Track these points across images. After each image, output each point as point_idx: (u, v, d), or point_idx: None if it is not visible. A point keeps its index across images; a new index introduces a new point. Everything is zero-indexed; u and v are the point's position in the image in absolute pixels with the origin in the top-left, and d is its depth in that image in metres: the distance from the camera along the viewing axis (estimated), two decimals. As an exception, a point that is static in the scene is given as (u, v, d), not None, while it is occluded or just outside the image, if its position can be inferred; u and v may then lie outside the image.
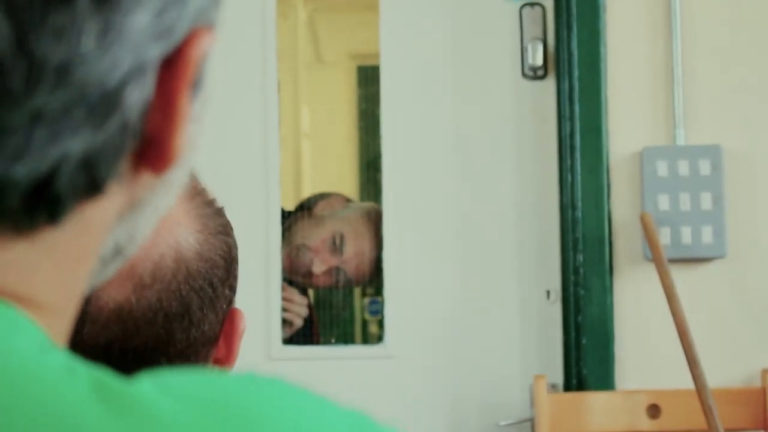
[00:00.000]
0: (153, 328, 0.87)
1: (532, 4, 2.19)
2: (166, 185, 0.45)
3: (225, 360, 0.92)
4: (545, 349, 2.20)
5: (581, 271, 2.12)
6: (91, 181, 0.41)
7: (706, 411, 1.89)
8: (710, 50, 2.15)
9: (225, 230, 0.93)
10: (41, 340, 0.40)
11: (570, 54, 2.12)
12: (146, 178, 0.43)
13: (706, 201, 2.12)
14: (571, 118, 2.11)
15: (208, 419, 0.37)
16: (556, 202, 2.18)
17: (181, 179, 0.46)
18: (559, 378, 2.16)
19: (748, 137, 2.15)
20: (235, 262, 0.92)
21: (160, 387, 0.38)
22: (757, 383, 2.10)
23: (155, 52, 0.41)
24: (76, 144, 0.40)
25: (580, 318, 2.12)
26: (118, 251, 0.46)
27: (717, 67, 2.14)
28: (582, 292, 2.11)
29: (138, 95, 0.41)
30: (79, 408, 0.37)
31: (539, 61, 2.16)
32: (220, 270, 0.90)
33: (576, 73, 2.11)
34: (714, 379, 1.98)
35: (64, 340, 0.43)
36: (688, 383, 1.91)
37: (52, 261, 0.42)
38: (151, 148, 0.42)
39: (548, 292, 2.19)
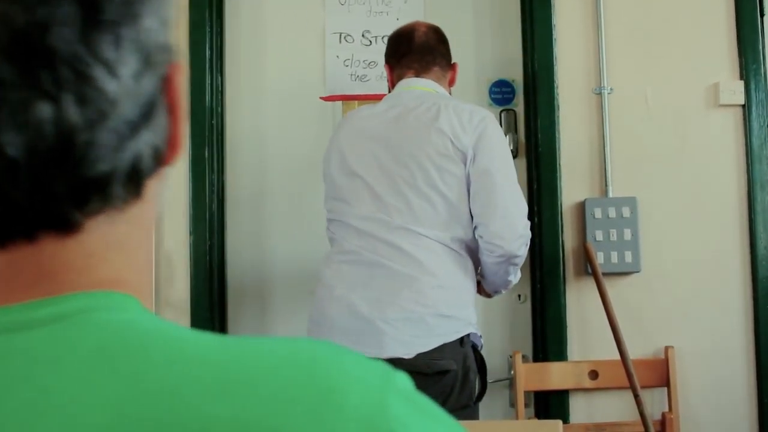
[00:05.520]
0: None
1: (508, 110, 2.41)
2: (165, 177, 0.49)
3: None
4: (521, 333, 2.38)
5: (544, 281, 2.29)
6: (157, 163, 0.47)
7: (629, 374, 2.10)
8: (630, 135, 2.35)
9: None
10: (137, 305, 0.46)
11: (535, 142, 2.35)
12: (163, 171, 0.48)
13: (627, 234, 2.28)
14: (538, 181, 2.33)
15: (282, 364, 0.42)
16: (529, 236, 2.25)
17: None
18: (529, 352, 2.35)
19: (654, 191, 2.33)
20: None
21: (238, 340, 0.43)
22: (661, 356, 2.30)
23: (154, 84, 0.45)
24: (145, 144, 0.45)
25: (543, 313, 2.30)
26: None
27: (634, 146, 2.35)
28: (545, 295, 2.29)
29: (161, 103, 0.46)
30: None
31: (513, 146, 2.38)
32: None
33: (539, 153, 2.33)
34: (633, 353, 2.18)
35: (149, 294, 0.48)
36: (616, 355, 2.13)
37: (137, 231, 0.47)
38: (170, 147, 0.47)
39: (519, 296, 2.39)
